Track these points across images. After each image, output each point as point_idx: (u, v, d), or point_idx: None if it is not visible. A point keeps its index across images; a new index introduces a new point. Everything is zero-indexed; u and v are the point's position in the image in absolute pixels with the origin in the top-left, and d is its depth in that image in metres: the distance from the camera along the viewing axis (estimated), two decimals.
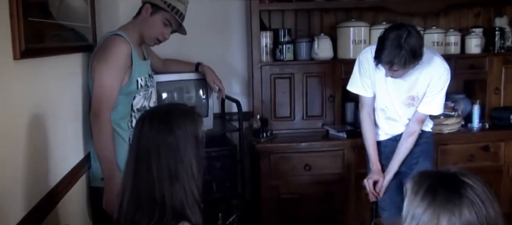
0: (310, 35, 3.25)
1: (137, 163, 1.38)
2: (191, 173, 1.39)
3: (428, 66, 2.27)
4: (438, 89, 2.31)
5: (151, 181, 1.35)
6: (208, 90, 2.82)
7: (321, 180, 2.95)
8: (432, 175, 1.10)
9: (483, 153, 3.08)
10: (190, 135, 1.41)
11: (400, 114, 2.43)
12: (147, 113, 1.48)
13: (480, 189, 1.04)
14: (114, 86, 2.09)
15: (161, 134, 1.37)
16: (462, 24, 3.44)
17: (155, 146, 1.36)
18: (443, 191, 1.04)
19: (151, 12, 2.22)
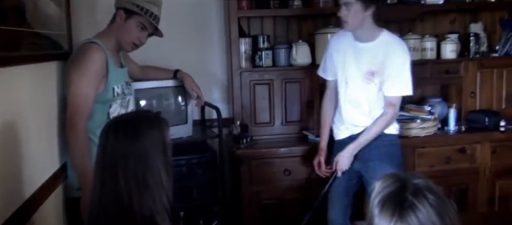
0: (288, 41, 3.27)
1: (104, 174, 1.36)
2: (160, 181, 1.38)
3: (385, 43, 2.41)
4: (399, 66, 2.38)
5: (119, 192, 1.34)
6: (187, 97, 2.81)
7: (301, 185, 2.97)
8: (391, 183, 1.09)
9: (459, 155, 3.13)
10: (157, 142, 1.40)
11: (360, 94, 2.47)
12: (111, 122, 1.46)
13: (426, 214, 1.02)
14: (89, 94, 2.08)
15: (127, 143, 1.36)
16: (437, 30, 3.49)
17: (122, 156, 1.35)
18: (389, 207, 1.04)
19: (125, 18, 2.21)
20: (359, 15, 2.35)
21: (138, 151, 1.35)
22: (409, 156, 3.04)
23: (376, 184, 1.11)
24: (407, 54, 2.42)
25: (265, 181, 2.95)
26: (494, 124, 3.20)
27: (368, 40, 2.44)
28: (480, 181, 3.16)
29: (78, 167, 2.06)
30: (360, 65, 2.46)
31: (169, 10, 3.12)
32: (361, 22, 2.38)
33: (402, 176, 1.11)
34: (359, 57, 2.46)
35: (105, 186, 1.36)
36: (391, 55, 2.39)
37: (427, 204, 1.03)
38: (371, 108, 2.49)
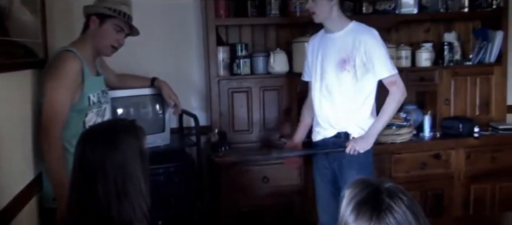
0: (266, 49, 3.30)
1: (82, 184, 1.35)
2: (139, 189, 1.37)
3: (354, 31, 2.46)
4: (373, 47, 2.40)
5: (98, 201, 1.33)
6: (165, 105, 2.81)
7: (280, 192, 2.98)
8: (363, 189, 1.11)
9: (434, 161, 3.19)
10: (135, 150, 1.39)
11: (334, 85, 2.48)
12: (87, 132, 1.45)
13: (402, 214, 1.05)
14: (64, 103, 2.05)
15: (105, 152, 1.35)
16: (412, 39, 3.56)
17: (101, 165, 1.34)
18: (366, 211, 1.06)
19: (100, 23, 2.18)
20: (325, 6, 2.42)
21: (117, 160, 1.35)
22: (385, 162, 3.09)
23: (346, 192, 1.13)
24: (378, 36, 2.45)
25: (244, 189, 2.96)
26: (468, 131, 3.27)
27: (337, 30, 2.49)
28: (455, 186, 3.23)
29: (53, 177, 2.03)
30: (332, 55, 2.49)
31: (146, 18, 3.13)
32: (329, 13, 2.44)
33: (372, 181, 1.13)
34: (330, 48, 2.50)
35: (83, 196, 1.34)
36: (362, 40, 2.41)
37: (403, 205, 1.06)
38: (344, 99, 2.48)
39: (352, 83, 2.46)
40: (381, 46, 2.43)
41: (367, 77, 2.46)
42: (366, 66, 2.43)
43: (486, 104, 3.47)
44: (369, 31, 2.46)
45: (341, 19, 2.50)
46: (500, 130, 3.34)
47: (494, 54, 3.45)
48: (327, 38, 2.53)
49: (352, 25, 2.49)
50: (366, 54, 2.41)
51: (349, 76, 2.45)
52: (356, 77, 2.45)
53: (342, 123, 2.51)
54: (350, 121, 2.50)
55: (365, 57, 2.41)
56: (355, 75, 2.44)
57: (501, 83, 3.46)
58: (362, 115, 2.50)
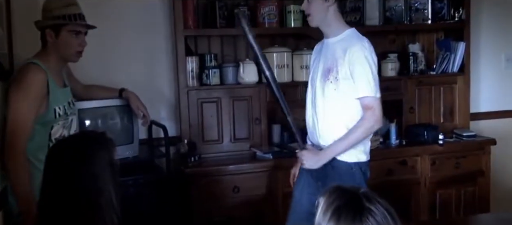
0: (236, 60, 3.32)
1: (52, 199, 1.33)
2: (110, 202, 1.36)
3: (347, 39, 2.28)
4: (358, 63, 2.18)
5: (69, 215, 1.31)
6: (133, 116, 2.79)
7: (250, 201, 2.99)
8: (340, 195, 1.15)
9: (401, 168, 3.26)
10: (106, 162, 1.39)
11: (318, 93, 2.30)
12: (57, 145, 1.43)
13: (381, 216, 1.10)
14: (29, 117, 2.02)
15: (75, 165, 1.34)
16: (378, 49, 3.58)
17: (71, 179, 1.32)
18: (347, 215, 1.10)
19: (55, 34, 2.14)
20: (320, 8, 2.26)
21: (88, 173, 1.34)
22: None
23: (320, 200, 1.16)
24: (368, 50, 2.21)
25: (215, 199, 2.95)
26: (433, 138, 3.36)
27: (333, 35, 2.32)
28: (421, 191, 3.31)
29: (18, 192, 1.99)
30: (322, 63, 2.33)
31: (115, 27, 3.13)
32: (324, 16, 2.28)
33: (347, 188, 1.18)
34: (323, 55, 2.34)
35: (53, 210, 1.32)
36: (348, 49, 2.20)
37: (382, 208, 1.12)
38: (326, 113, 2.27)
39: (333, 96, 2.24)
40: (367, 62, 2.18)
41: (349, 93, 2.22)
42: (348, 79, 2.20)
43: (450, 112, 3.58)
44: (360, 41, 2.23)
45: (338, 24, 2.31)
46: (464, 137, 3.45)
47: (457, 64, 3.56)
48: (324, 44, 2.37)
49: (348, 32, 2.29)
50: (350, 67, 2.19)
51: (331, 88, 2.24)
52: (338, 91, 2.23)
53: (323, 139, 2.30)
54: (330, 139, 2.27)
55: (349, 69, 2.19)
56: (338, 88, 2.22)
57: (464, 92, 3.57)
58: (338, 133, 2.25)
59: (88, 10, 2.27)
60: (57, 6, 2.12)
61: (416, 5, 3.52)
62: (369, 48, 2.24)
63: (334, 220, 1.10)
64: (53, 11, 2.12)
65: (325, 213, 1.13)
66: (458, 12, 3.55)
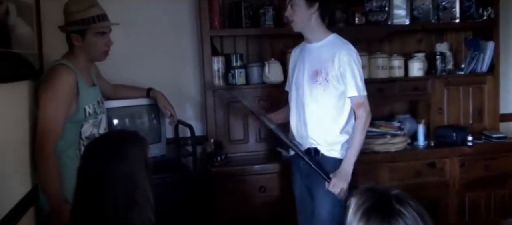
0: (261, 59, 3.32)
1: (89, 196, 1.34)
2: (147, 199, 1.38)
3: (331, 44, 2.43)
4: (347, 64, 2.35)
5: (106, 212, 1.32)
6: (160, 116, 2.81)
7: (276, 202, 2.98)
8: (371, 196, 1.14)
9: (429, 169, 3.21)
10: (141, 160, 1.40)
11: (307, 97, 2.43)
12: (92, 146, 1.44)
13: (411, 218, 1.08)
14: (58, 117, 2.05)
15: (113, 163, 1.35)
16: (405, 49, 3.60)
17: (110, 176, 1.33)
18: (376, 217, 1.08)
19: (81, 38, 2.15)
20: (303, 14, 2.39)
21: (125, 170, 1.35)
22: (381, 171, 3.11)
23: (352, 200, 1.15)
24: (355, 55, 2.40)
25: (241, 199, 2.95)
26: (462, 139, 3.31)
27: (316, 40, 2.46)
28: (450, 194, 3.25)
29: (48, 191, 2.02)
30: (307, 66, 2.46)
31: (142, 29, 3.16)
32: (307, 22, 2.41)
33: (379, 188, 1.16)
34: (307, 59, 2.47)
35: (90, 207, 1.33)
36: (337, 54, 2.37)
37: (412, 210, 1.09)
38: (315, 114, 2.43)
39: (322, 97, 2.41)
40: (355, 64, 2.38)
41: (338, 93, 2.40)
42: (338, 81, 2.38)
43: (479, 113, 3.51)
44: (346, 46, 2.41)
45: (320, 30, 2.46)
46: (493, 139, 3.38)
47: (486, 64, 3.49)
48: (306, 48, 2.50)
49: (331, 38, 2.45)
50: (340, 70, 2.37)
51: (320, 89, 2.40)
52: (327, 91, 2.39)
53: (313, 138, 2.45)
54: (320, 137, 2.44)
55: (339, 72, 2.37)
56: (326, 89, 2.39)
57: (493, 93, 3.51)
58: (332, 132, 2.43)
59: (114, 11, 2.29)
60: (79, 10, 2.13)
61: (444, 4, 3.46)
62: (355, 52, 2.43)
63: (363, 221, 1.09)
64: (76, 14, 2.14)
65: (355, 213, 1.12)
66: (487, 10, 3.48)
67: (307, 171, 2.49)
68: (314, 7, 2.39)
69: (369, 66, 3.32)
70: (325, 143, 2.45)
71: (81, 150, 2.15)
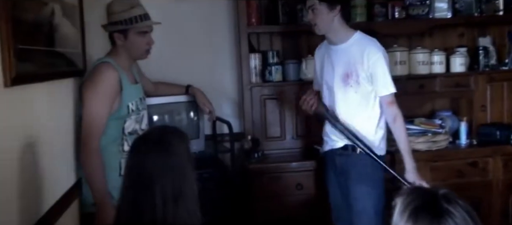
0: (298, 56, 3.30)
1: (137, 191, 1.36)
2: (193, 191, 1.40)
3: (358, 43, 2.39)
4: (377, 63, 2.34)
5: (153, 207, 1.34)
6: (199, 112, 2.84)
7: (314, 200, 2.96)
8: (419, 195, 1.12)
9: (471, 169, 3.12)
10: (188, 155, 1.43)
11: (339, 99, 2.43)
12: (141, 140, 1.46)
13: (460, 218, 1.06)
14: (102, 114, 2.11)
15: (162, 157, 1.37)
16: (446, 44, 3.50)
17: (158, 171, 1.35)
18: (425, 217, 1.06)
19: (124, 37, 2.21)
20: (325, 17, 2.36)
21: (175, 163, 1.37)
22: (422, 170, 2.99)
23: (397, 200, 1.13)
24: (382, 51, 2.39)
25: (277, 196, 2.95)
26: (505, 138, 3.20)
27: (341, 42, 2.42)
28: (493, 194, 3.15)
29: (93, 185, 2.09)
30: (336, 69, 2.43)
31: (180, 27, 3.19)
32: (330, 24, 2.38)
33: (426, 188, 1.16)
34: (334, 61, 2.44)
35: (138, 202, 1.35)
36: (365, 53, 2.35)
37: (461, 210, 1.07)
38: (349, 114, 2.43)
39: (355, 98, 2.40)
40: (384, 61, 2.36)
41: (370, 92, 2.40)
42: (369, 80, 2.37)
43: None
44: (373, 44, 2.39)
45: (344, 31, 2.43)
46: None
47: None
48: (331, 50, 2.47)
49: (356, 37, 2.42)
50: (369, 70, 2.35)
51: (352, 90, 2.40)
52: (359, 92, 2.39)
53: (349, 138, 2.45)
54: (355, 135, 2.44)
55: (368, 72, 2.36)
56: (358, 90, 2.39)
57: None
58: (366, 130, 2.43)
59: (153, 10, 2.32)
60: (122, 10, 2.18)
61: None
62: (382, 48, 2.41)
63: (411, 221, 1.07)
64: (119, 14, 2.19)
65: (402, 214, 1.10)
66: None
67: (341, 168, 2.48)
68: (336, 10, 2.36)
69: (409, 62, 3.25)
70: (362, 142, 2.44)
71: (123, 145, 2.21)
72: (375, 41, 2.43)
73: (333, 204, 2.62)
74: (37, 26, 1.78)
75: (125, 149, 2.21)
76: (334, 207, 2.62)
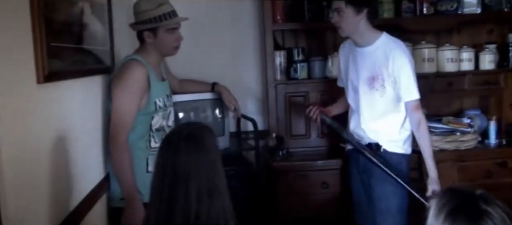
0: (323, 53, 3.27)
1: (171, 188, 1.36)
2: (225, 186, 1.42)
3: (384, 47, 2.36)
4: (403, 68, 2.31)
5: (189, 203, 1.35)
6: (224, 109, 2.85)
7: (339, 198, 2.94)
8: (455, 196, 1.10)
9: (500, 170, 3.05)
10: (218, 149, 1.46)
11: (363, 101, 2.42)
12: (172, 137, 1.46)
13: (499, 219, 1.04)
14: (131, 110, 2.14)
15: (196, 153, 1.38)
16: (475, 40, 3.43)
17: (194, 166, 1.36)
18: (463, 218, 1.05)
19: (153, 35, 2.22)
20: (351, 20, 2.33)
21: (209, 159, 1.39)
22: (449, 170, 2.98)
23: (431, 202, 1.12)
24: (408, 55, 2.36)
25: (302, 194, 2.94)
26: None
27: (367, 44, 2.39)
28: None
29: (122, 181, 2.12)
30: (360, 71, 2.41)
31: (205, 24, 3.21)
32: (356, 27, 2.35)
33: (461, 189, 1.13)
34: (359, 63, 2.42)
35: (173, 199, 1.36)
36: (390, 57, 2.32)
37: (500, 210, 1.06)
38: (373, 116, 2.42)
39: (380, 102, 2.39)
40: (409, 67, 2.33)
41: (395, 96, 2.37)
42: (393, 84, 2.35)
43: None
44: (398, 47, 2.36)
45: (370, 33, 2.39)
46: None
47: None
48: (356, 52, 2.44)
49: (382, 39, 2.38)
50: (394, 74, 2.32)
51: (377, 94, 2.38)
52: (385, 96, 2.37)
53: (372, 135, 2.45)
54: (380, 135, 2.44)
55: (393, 77, 2.33)
56: (384, 94, 2.37)
57: None
58: (391, 131, 2.42)
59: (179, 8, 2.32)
60: (150, 8, 2.20)
61: None
62: (407, 52, 2.39)
63: (448, 222, 1.06)
64: (147, 13, 2.20)
65: (437, 215, 1.08)
66: None
67: (365, 166, 2.46)
68: (363, 13, 2.33)
69: (437, 59, 3.19)
70: (387, 141, 2.44)
71: (150, 142, 2.24)
72: (401, 44, 2.39)
73: (356, 203, 2.61)
74: (67, 24, 1.81)
75: (152, 145, 2.24)
76: (357, 205, 2.60)
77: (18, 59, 1.40)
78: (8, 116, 1.30)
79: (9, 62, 1.33)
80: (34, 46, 1.48)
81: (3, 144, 1.25)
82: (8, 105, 1.30)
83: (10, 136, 1.30)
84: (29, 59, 1.46)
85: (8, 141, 1.28)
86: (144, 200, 2.05)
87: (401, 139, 2.42)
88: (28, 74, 1.45)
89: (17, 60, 1.39)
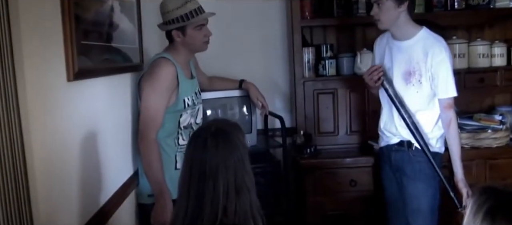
0: (352, 49, 3.24)
1: (200, 184, 1.37)
2: (253, 183, 1.42)
3: (423, 42, 2.31)
4: (441, 64, 2.26)
5: (217, 199, 1.35)
6: (252, 107, 2.85)
7: (368, 197, 2.90)
8: (494, 195, 1.07)
9: None
10: (246, 146, 1.45)
11: (400, 94, 2.37)
12: (201, 133, 1.45)
13: None
14: (160, 108, 2.16)
15: (228, 149, 1.38)
16: (507, 35, 3.32)
17: (222, 163, 1.36)
18: (503, 217, 1.02)
19: (182, 33, 2.23)
20: (391, 13, 2.28)
21: (237, 156, 1.39)
22: (481, 168, 2.91)
23: (468, 202, 1.10)
24: (447, 52, 2.30)
25: (330, 192, 2.92)
26: None
27: (405, 38, 2.34)
28: None
29: (151, 177, 2.15)
30: (398, 65, 2.36)
31: (233, 22, 3.21)
32: (395, 20, 2.30)
33: (498, 187, 1.10)
34: (397, 57, 2.37)
35: (200, 194, 1.36)
36: (429, 53, 2.27)
37: None
38: (408, 112, 2.36)
39: (416, 97, 2.34)
40: (448, 63, 2.28)
41: (431, 92, 2.33)
42: (431, 80, 2.30)
43: None
44: (438, 43, 2.30)
45: (409, 27, 2.34)
46: None
47: None
48: (394, 45, 2.39)
49: (421, 34, 2.33)
50: (432, 70, 2.28)
51: (414, 90, 2.33)
52: (420, 92, 2.33)
53: (405, 132, 2.38)
54: (412, 136, 2.37)
55: (430, 73, 2.28)
56: (420, 90, 2.32)
57: None
58: (424, 129, 2.36)
59: (206, 6, 2.34)
60: (176, 7, 2.21)
61: None
62: (447, 48, 2.32)
63: (488, 221, 1.03)
64: (174, 12, 2.21)
65: (475, 214, 1.06)
66: None
67: (396, 164, 2.42)
68: (404, 5, 2.28)
69: (469, 54, 3.12)
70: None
71: (179, 139, 2.26)
72: (442, 40, 2.34)
73: (389, 201, 2.56)
74: (97, 23, 1.85)
75: (180, 143, 2.26)
76: (390, 203, 2.55)
77: (49, 57, 1.42)
78: (40, 114, 1.32)
79: (41, 60, 1.36)
80: (64, 44, 1.51)
81: (35, 142, 1.27)
82: (39, 103, 1.33)
83: (42, 134, 1.33)
84: (59, 57, 1.49)
85: (40, 139, 1.31)
86: (173, 197, 2.07)
87: (433, 137, 2.37)
88: (58, 72, 1.48)
89: (48, 58, 1.42)
